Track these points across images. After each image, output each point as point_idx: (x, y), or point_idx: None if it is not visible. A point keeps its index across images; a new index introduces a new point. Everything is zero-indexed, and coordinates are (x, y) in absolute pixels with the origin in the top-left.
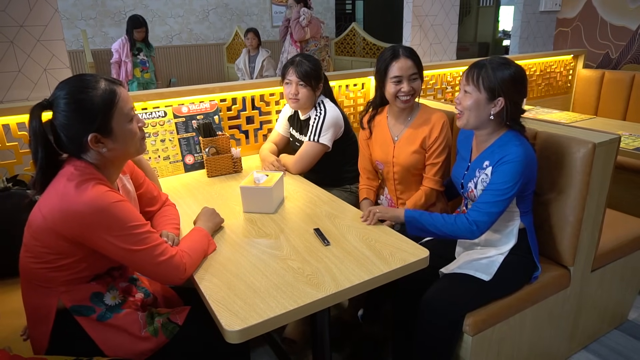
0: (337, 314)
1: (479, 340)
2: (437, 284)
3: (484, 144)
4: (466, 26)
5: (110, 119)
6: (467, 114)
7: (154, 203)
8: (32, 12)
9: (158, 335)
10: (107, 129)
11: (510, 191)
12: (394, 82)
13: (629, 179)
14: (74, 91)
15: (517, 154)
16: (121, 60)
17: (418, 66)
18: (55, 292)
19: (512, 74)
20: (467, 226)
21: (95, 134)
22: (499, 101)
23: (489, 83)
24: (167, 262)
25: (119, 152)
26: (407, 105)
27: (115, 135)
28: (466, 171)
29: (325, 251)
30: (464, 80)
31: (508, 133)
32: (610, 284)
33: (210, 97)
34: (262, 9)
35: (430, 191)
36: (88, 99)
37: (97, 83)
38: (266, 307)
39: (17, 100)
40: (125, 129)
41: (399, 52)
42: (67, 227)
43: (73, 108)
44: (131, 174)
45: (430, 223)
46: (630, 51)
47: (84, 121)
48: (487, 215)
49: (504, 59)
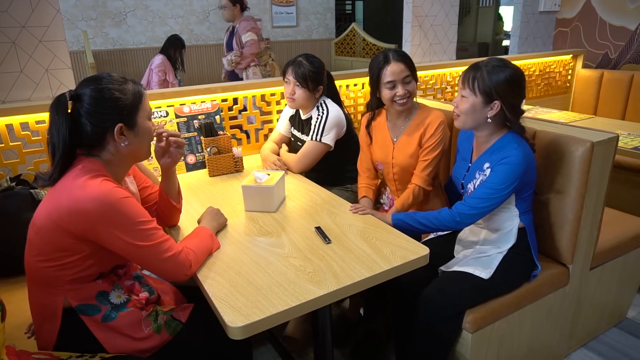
0: (339, 313)
1: (479, 337)
2: (436, 282)
3: (484, 145)
4: (466, 26)
5: (136, 112)
6: (464, 117)
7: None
8: (34, 13)
9: (161, 333)
10: (133, 122)
11: (502, 192)
12: (388, 87)
13: (627, 178)
14: (106, 83)
15: (516, 156)
16: (168, 82)
17: (411, 68)
18: (61, 291)
19: (508, 77)
20: (450, 217)
21: (122, 124)
22: (495, 104)
23: (484, 87)
24: (172, 258)
25: (135, 148)
26: (405, 107)
27: (138, 130)
28: (467, 172)
29: (327, 249)
30: (460, 84)
31: (508, 135)
32: (608, 282)
33: (212, 97)
34: (262, 9)
35: (417, 189)
36: (122, 89)
37: (126, 81)
38: (268, 304)
39: (19, 101)
40: (147, 125)
41: (390, 57)
42: (74, 223)
43: (106, 96)
44: (134, 176)
45: (416, 220)
46: (629, 51)
47: (115, 110)
48: (474, 209)
49: (500, 60)
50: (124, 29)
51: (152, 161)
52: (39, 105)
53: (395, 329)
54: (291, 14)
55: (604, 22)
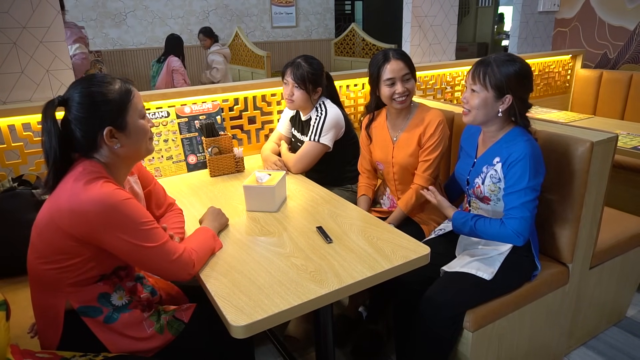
0: (339, 313)
1: (479, 336)
2: (438, 281)
3: (491, 139)
4: (465, 26)
5: (125, 113)
6: (475, 112)
7: (160, 205)
8: (35, 13)
9: (164, 333)
10: (123, 123)
11: (534, 183)
12: (387, 85)
13: (626, 177)
14: (91, 86)
15: (525, 149)
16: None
17: (410, 67)
18: (63, 294)
19: (518, 70)
20: (514, 237)
21: (110, 127)
22: (506, 98)
23: (495, 81)
24: (176, 258)
25: (131, 149)
26: (404, 105)
27: (129, 131)
28: (472, 167)
29: (328, 248)
30: (470, 79)
31: (515, 129)
32: (608, 281)
33: (213, 97)
34: (262, 10)
35: (420, 189)
36: (106, 92)
37: (113, 80)
38: (271, 303)
39: (20, 101)
40: (139, 125)
41: (390, 55)
42: (76, 226)
43: (91, 101)
44: (139, 175)
45: (472, 230)
46: (628, 51)
47: (100, 114)
48: (524, 218)
49: (508, 55)
50: (124, 30)
51: (153, 161)
52: (40, 106)
53: (396, 328)
54: (291, 14)
55: (603, 22)
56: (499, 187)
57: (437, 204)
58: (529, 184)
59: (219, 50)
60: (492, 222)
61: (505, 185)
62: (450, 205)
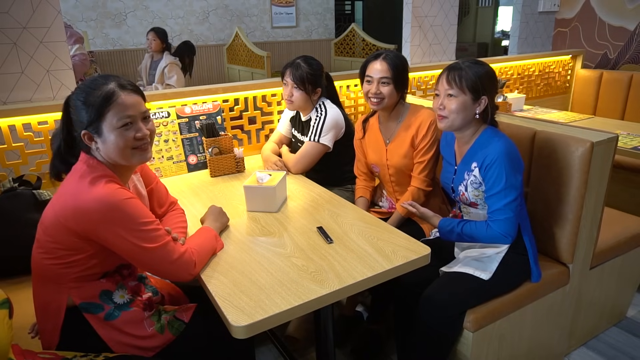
0: (339, 313)
1: (480, 336)
2: (437, 282)
3: (465, 145)
4: (465, 26)
5: (101, 119)
6: (453, 116)
7: (162, 204)
8: (35, 13)
9: (164, 333)
10: (98, 129)
11: (514, 181)
12: (366, 82)
13: (626, 177)
14: (82, 87)
15: (499, 149)
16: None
17: (394, 73)
18: (65, 289)
19: (488, 72)
20: (501, 238)
21: (86, 130)
22: (482, 100)
23: (472, 83)
24: (178, 258)
25: (109, 155)
26: (377, 107)
27: (104, 139)
28: (454, 175)
29: (329, 249)
30: (446, 84)
31: (486, 130)
32: (608, 281)
33: (213, 97)
34: (262, 10)
35: (417, 191)
36: (88, 95)
37: (105, 83)
38: (271, 304)
39: (20, 102)
40: (111, 136)
41: (381, 55)
42: (79, 223)
43: (76, 104)
44: (142, 173)
45: (460, 237)
46: (628, 51)
47: (81, 116)
48: (508, 219)
49: (474, 59)
50: (124, 30)
51: (153, 161)
52: (41, 106)
53: (397, 328)
54: (291, 14)
55: (603, 22)
56: (482, 192)
57: (421, 215)
58: (507, 183)
59: (176, 62)
60: (478, 226)
61: (485, 188)
62: (435, 214)
